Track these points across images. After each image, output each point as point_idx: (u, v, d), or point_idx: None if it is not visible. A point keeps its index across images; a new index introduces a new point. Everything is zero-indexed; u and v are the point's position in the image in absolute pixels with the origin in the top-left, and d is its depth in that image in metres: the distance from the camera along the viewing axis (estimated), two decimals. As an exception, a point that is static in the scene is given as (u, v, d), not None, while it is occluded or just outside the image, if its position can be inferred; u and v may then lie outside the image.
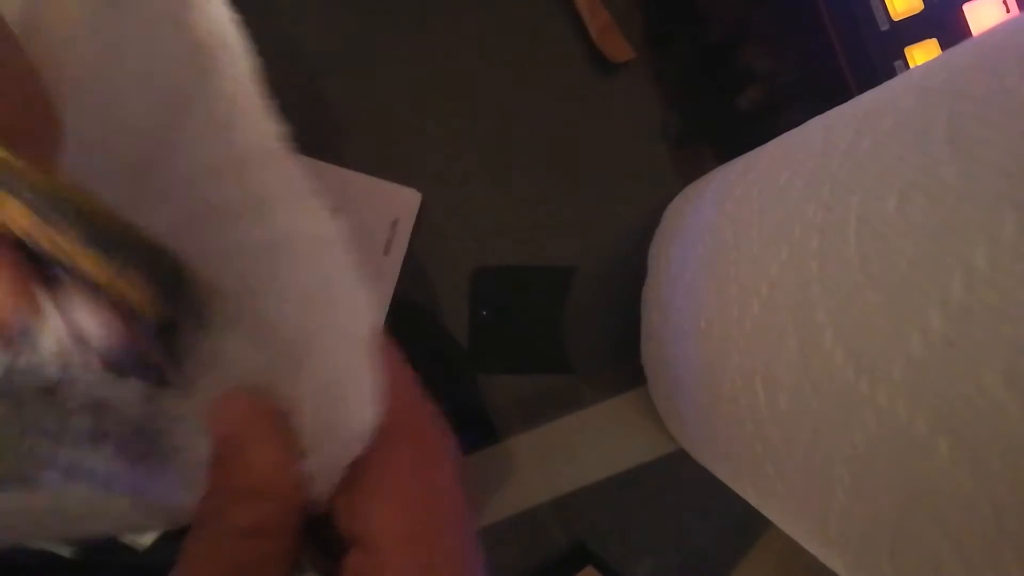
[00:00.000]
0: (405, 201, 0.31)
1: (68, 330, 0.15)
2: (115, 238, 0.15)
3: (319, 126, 0.33)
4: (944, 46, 0.30)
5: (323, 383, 0.18)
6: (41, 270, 0.15)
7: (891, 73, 0.32)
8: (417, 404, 0.19)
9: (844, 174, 0.21)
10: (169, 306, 0.16)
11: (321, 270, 0.19)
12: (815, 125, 0.25)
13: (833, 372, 0.19)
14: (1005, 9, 0.29)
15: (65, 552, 0.28)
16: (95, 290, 0.15)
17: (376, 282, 0.28)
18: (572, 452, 0.32)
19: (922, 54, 0.31)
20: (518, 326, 0.36)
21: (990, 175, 0.16)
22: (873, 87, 0.24)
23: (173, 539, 0.27)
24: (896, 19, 0.31)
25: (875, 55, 0.32)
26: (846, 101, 0.25)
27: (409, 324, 0.35)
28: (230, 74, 0.19)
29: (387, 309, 0.33)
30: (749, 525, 0.39)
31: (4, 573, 0.27)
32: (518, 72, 0.35)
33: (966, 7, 0.29)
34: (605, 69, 0.36)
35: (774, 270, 0.23)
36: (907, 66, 0.31)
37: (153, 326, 0.16)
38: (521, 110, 0.35)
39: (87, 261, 0.14)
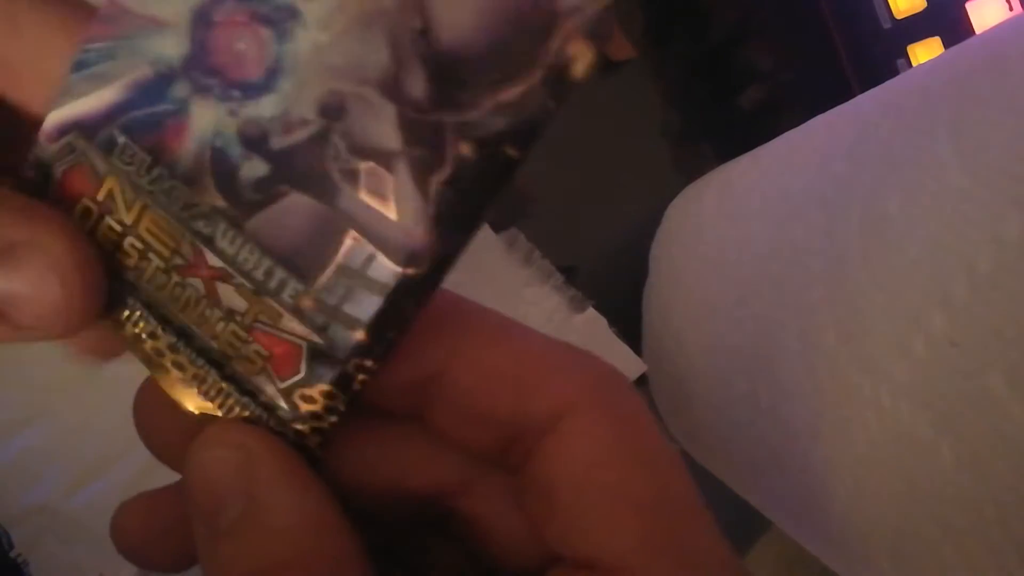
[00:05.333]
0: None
1: None
2: None
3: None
4: (947, 45, 0.30)
5: None
6: None
7: (893, 72, 0.31)
8: (586, 359, 0.13)
9: (847, 174, 0.21)
10: None
11: None
12: (817, 124, 0.25)
13: (836, 373, 0.19)
14: (1008, 8, 0.28)
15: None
16: None
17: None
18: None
19: (925, 53, 0.31)
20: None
21: (994, 175, 0.16)
22: (875, 86, 0.24)
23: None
24: (898, 17, 0.31)
25: (877, 54, 0.32)
26: (848, 100, 0.25)
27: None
28: None
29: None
30: (750, 525, 0.39)
31: None
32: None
33: (969, 5, 0.29)
34: (605, 68, 0.36)
35: (776, 270, 0.23)
36: (909, 65, 0.31)
37: None
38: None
39: None
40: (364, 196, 0.11)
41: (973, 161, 0.16)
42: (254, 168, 0.11)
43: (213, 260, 0.12)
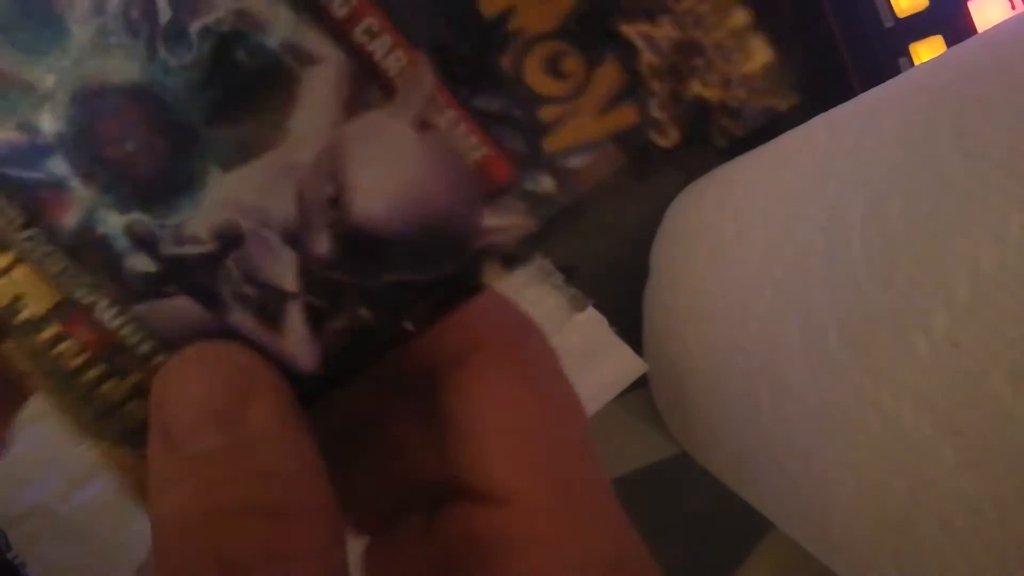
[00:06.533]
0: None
1: None
2: None
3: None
4: (949, 43, 0.30)
5: None
6: None
7: (895, 71, 0.31)
8: (503, 303, 0.13)
9: (848, 173, 0.21)
10: None
11: None
12: (818, 124, 0.25)
13: (838, 374, 0.19)
14: (1011, 6, 0.28)
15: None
16: None
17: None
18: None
19: (927, 51, 0.31)
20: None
21: (996, 174, 0.16)
22: (877, 85, 0.24)
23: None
24: (901, 16, 0.31)
25: (879, 52, 0.32)
26: (850, 99, 0.25)
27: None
28: None
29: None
30: (751, 527, 0.39)
31: None
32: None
33: (972, 4, 0.29)
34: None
35: (778, 271, 0.23)
36: (912, 63, 0.31)
37: None
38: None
39: None
40: (254, 319, 0.11)
41: (975, 160, 0.16)
42: (141, 263, 0.11)
43: (95, 323, 0.11)
